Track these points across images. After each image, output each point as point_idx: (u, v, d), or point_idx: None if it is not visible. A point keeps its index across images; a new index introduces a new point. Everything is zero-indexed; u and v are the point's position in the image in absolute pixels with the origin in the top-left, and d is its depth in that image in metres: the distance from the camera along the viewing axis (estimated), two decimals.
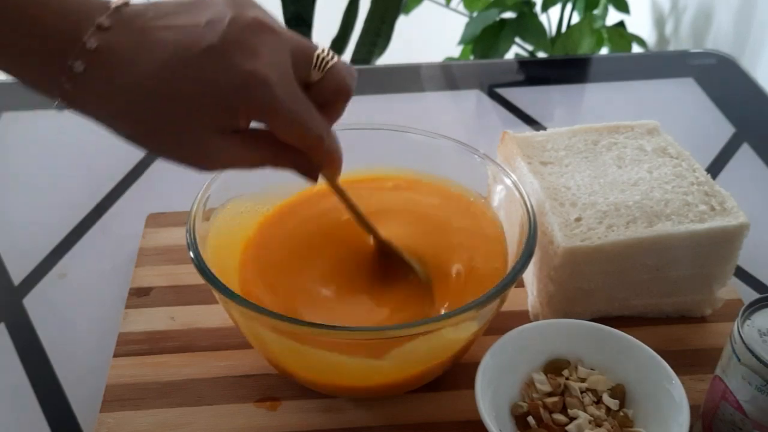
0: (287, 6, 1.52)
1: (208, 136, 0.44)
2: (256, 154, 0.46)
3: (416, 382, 0.55)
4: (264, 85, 0.43)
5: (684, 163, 0.63)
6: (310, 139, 0.46)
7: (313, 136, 0.46)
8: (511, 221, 0.58)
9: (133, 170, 0.81)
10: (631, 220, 0.58)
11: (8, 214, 0.76)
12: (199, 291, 0.63)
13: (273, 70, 0.43)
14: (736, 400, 0.47)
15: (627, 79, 0.98)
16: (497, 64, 1.23)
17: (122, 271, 0.67)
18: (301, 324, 0.47)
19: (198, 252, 0.51)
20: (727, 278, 0.61)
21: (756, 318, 0.48)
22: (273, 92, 0.43)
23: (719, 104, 0.92)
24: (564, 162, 0.64)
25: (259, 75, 0.42)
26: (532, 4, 1.54)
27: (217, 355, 0.59)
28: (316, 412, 0.55)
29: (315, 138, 0.46)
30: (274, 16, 0.45)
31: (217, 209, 0.57)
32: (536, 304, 0.61)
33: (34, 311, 0.65)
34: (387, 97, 0.95)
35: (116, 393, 0.56)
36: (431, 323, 0.47)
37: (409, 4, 1.65)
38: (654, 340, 0.54)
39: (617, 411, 0.51)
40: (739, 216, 0.58)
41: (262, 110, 0.44)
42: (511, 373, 0.53)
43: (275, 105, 0.43)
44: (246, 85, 0.42)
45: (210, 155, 0.45)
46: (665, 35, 1.71)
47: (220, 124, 0.44)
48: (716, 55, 1.03)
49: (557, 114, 0.94)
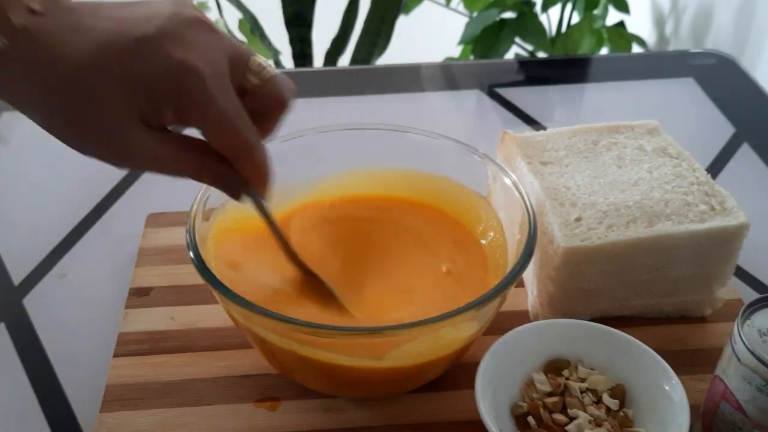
0: (287, 6, 1.52)
1: (129, 126, 0.42)
2: (179, 157, 0.44)
3: (416, 383, 0.55)
4: (195, 76, 0.41)
5: (684, 163, 0.63)
6: (239, 143, 0.44)
7: (243, 139, 0.44)
8: (511, 221, 0.58)
9: (133, 170, 0.81)
10: (631, 220, 0.58)
11: (8, 214, 0.76)
12: (199, 291, 0.63)
13: (207, 64, 0.42)
14: (736, 400, 0.47)
15: (627, 79, 0.98)
16: (497, 64, 1.23)
17: (122, 271, 0.67)
18: (301, 324, 0.47)
19: (198, 252, 0.51)
20: (727, 278, 0.61)
21: (756, 318, 0.48)
22: (204, 84, 0.42)
23: (719, 104, 0.92)
24: (564, 162, 0.64)
25: (191, 65, 0.41)
26: (532, 4, 1.54)
27: (217, 355, 0.59)
28: (316, 412, 0.55)
29: (245, 143, 0.44)
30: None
31: (217, 209, 0.57)
32: (536, 304, 0.61)
33: (34, 311, 0.64)
34: (387, 97, 0.95)
35: (116, 393, 0.56)
36: (431, 323, 0.47)
37: (409, 4, 1.65)
38: (654, 340, 0.54)
39: (617, 411, 0.51)
40: (739, 216, 0.58)
41: (191, 103, 0.42)
42: (511, 373, 0.53)
43: (205, 99, 0.42)
44: (175, 73, 0.41)
45: (128, 148, 0.43)
46: (665, 35, 1.71)
47: (143, 114, 0.42)
48: (716, 55, 1.03)
49: (557, 114, 0.94)
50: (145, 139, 0.43)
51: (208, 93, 0.42)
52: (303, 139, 0.60)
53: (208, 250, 0.54)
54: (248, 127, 0.45)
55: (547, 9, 1.56)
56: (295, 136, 0.59)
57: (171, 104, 0.42)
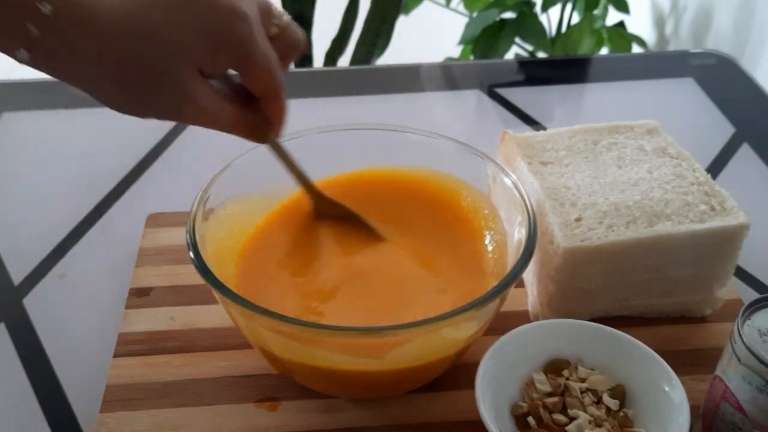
0: (287, 6, 1.52)
1: (186, 75, 0.43)
2: (226, 106, 0.47)
3: (416, 383, 0.55)
4: (245, 20, 0.44)
5: (684, 163, 0.63)
6: (275, 85, 0.47)
7: (278, 82, 0.47)
8: (511, 221, 0.58)
9: (133, 170, 0.81)
10: (631, 220, 0.58)
11: (8, 214, 0.76)
12: (199, 291, 0.63)
13: (250, 11, 0.44)
14: (736, 400, 0.47)
15: (627, 79, 0.98)
16: (497, 64, 1.23)
17: (122, 271, 0.67)
18: (301, 324, 0.47)
19: (198, 252, 0.51)
20: (727, 278, 0.61)
21: (756, 318, 0.48)
22: (251, 29, 0.44)
23: (719, 104, 0.92)
24: (564, 162, 0.64)
25: (240, 11, 0.44)
26: (532, 4, 1.54)
27: (217, 355, 0.59)
28: (316, 412, 0.55)
29: (279, 84, 0.48)
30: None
31: (217, 209, 0.57)
32: (536, 304, 0.61)
33: (34, 311, 0.64)
34: (387, 97, 0.95)
35: (116, 393, 0.56)
36: (431, 323, 0.47)
37: (409, 4, 1.65)
38: (654, 340, 0.54)
39: (617, 411, 0.51)
40: (739, 216, 0.58)
41: (242, 47, 0.44)
42: (511, 373, 0.53)
43: (253, 44, 0.44)
44: (227, 19, 0.43)
45: (189, 96, 0.44)
46: (665, 35, 1.71)
47: (199, 61, 0.44)
48: (716, 55, 1.03)
49: (557, 114, 0.94)
50: (200, 89, 0.45)
51: (254, 37, 0.45)
52: (303, 139, 0.60)
53: (207, 250, 0.54)
54: (280, 69, 0.48)
55: (547, 9, 1.56)
56: (294, 136, 0.59)
57: (226, 48, 0.44)
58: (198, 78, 0.44)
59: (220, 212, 0.57)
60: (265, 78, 0.47)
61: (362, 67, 1.31)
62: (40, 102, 0.90)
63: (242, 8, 0.44)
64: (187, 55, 0.43)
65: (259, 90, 0.48)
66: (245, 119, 0.49)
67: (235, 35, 0.44)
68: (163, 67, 0.43)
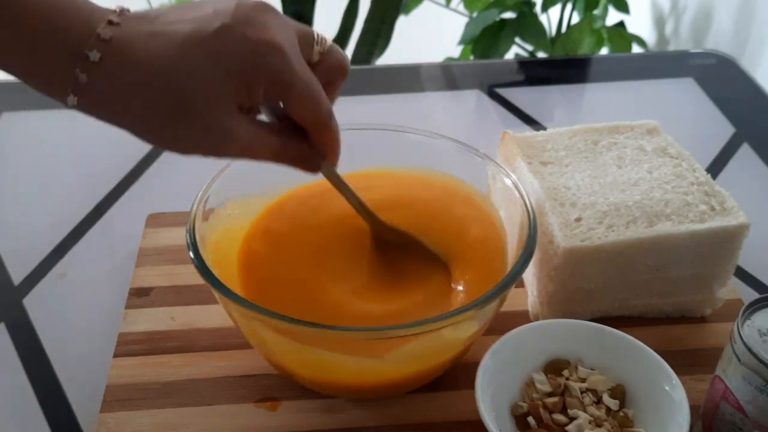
0: (287, 6, 1.52)
1: (226, 112, 0.43)
2: (269, 138, 0.46)
3: (416, 382, 0.55)
4: (279, 52, 0.43)
5: (684, 163, 0.63)
6: (322, 114, 0.46)
7: (325, 111, 0.47)
8: (511, 221, 0.58)
9: (133, 170, 0.81)
10: (631, 220, 0.58)
11: (8, 214, 0.76)
12: (199, 291, 0.63)
13: (285, 41, 0.44)
14: (736, 400, 0.47)
15: (627, 79, 0.98)
16: (497, 64, 1.23)
17: (122, 271, 0.67)
18: (301, 324, 0.47)
19: (198, 252, 0.51)
20: (727, 278, 0.61)
21: (756, 318, 0.48)
22: (288, 60, 0.44)
23: (719, 104, 0.92)
24: (564, 162, 0.64)
25: (274, 43, 0.43)
26: (532, 4, 1.54)
27: (217, 355, 0.59)
28: (316, 412, 0.55)
29: (327, 112, 0.47)
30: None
31: (217, 209, 0.57)
32: (536, 304, 0.61)
33: (34, 311, 0.64)
34: (387, 97, 0.95)
35: (116, 393, 0.56)
36: (431, 323, 0.47)
37: (409, 4, 1.65)
38: (654, 340, 0.54)
39: (617, 411, 0.51)
40: (739, 216, 0.58)
41: (279, 79, 0.44)
42: (511, 373, 0.53)
43: (292, 74, 0.44)
44: (263, 52, 0.43)
45: (228, 133, 0.44)
46: (665, 35, 1.71)
47: (238, 97, 0.44)
48: (716, 55, 1.03)
49: (557, 114, 0.94)
50: (241, 124, 0.44)
51: (292, 67, 0.44)
52: None
53: (207, 250, 0.53)
54: (325, 97, 0.47)
55: (547, 9, 1.56)
56: None
57: (262, 82, 0.44)
58: (235, 115, 0.44)
59: (220, 212, 0.57)
60: (308, 107, 0.46)
61: (362, 67, 1.31)
62: (40, 102, 0.90)
63: (276, 39, 0.43)
64: (221, 92, 0.43)
65: (305, 120, 0.47)
66: (291, 150, 0.48)
67: (271, 68, 0.43)
68: (201, 104, 0.43)
